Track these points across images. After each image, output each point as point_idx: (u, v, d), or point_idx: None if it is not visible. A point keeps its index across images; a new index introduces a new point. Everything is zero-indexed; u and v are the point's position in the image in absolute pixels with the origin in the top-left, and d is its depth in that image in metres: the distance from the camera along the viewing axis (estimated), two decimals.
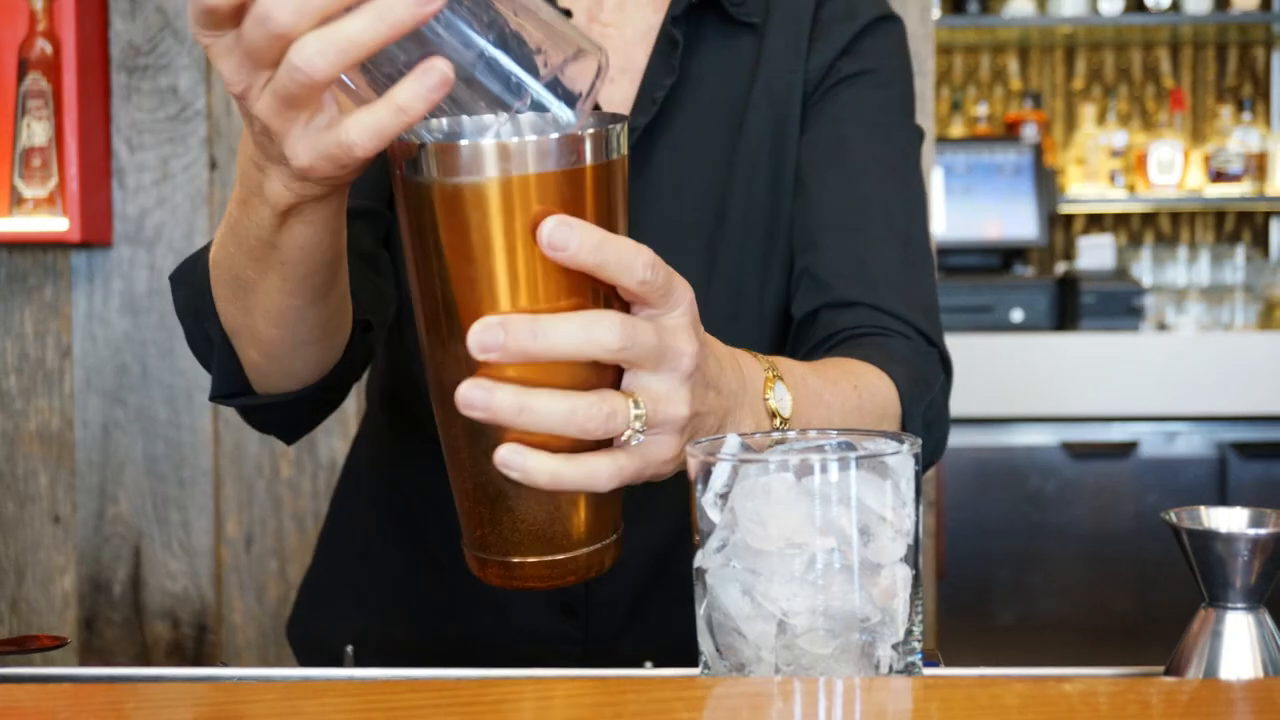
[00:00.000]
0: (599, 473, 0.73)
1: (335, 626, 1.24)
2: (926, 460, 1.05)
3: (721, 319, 1.13)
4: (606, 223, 0.73)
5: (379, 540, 1.25)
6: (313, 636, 1.28)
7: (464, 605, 1.18)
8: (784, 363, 0.90)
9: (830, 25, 1.17)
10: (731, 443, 0.73)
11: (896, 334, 1.10)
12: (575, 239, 0.69)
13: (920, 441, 0.72)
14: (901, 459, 0.69)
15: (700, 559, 0.70)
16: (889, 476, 0.69)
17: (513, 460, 0.72)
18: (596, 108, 0.88)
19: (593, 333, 0.70)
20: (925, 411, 1.04)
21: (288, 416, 1.03)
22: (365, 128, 0.69)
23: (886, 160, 1.17)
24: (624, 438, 0.73)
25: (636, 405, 0.73)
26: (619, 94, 1.15)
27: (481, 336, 0.69)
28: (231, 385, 0.98)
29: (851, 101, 1.17)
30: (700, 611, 0.71)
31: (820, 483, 0.67)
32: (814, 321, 1.12)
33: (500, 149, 0.69)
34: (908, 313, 1.11)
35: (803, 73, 1.16)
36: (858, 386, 0.97)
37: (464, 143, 0.70)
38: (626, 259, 0.71)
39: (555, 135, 0.70)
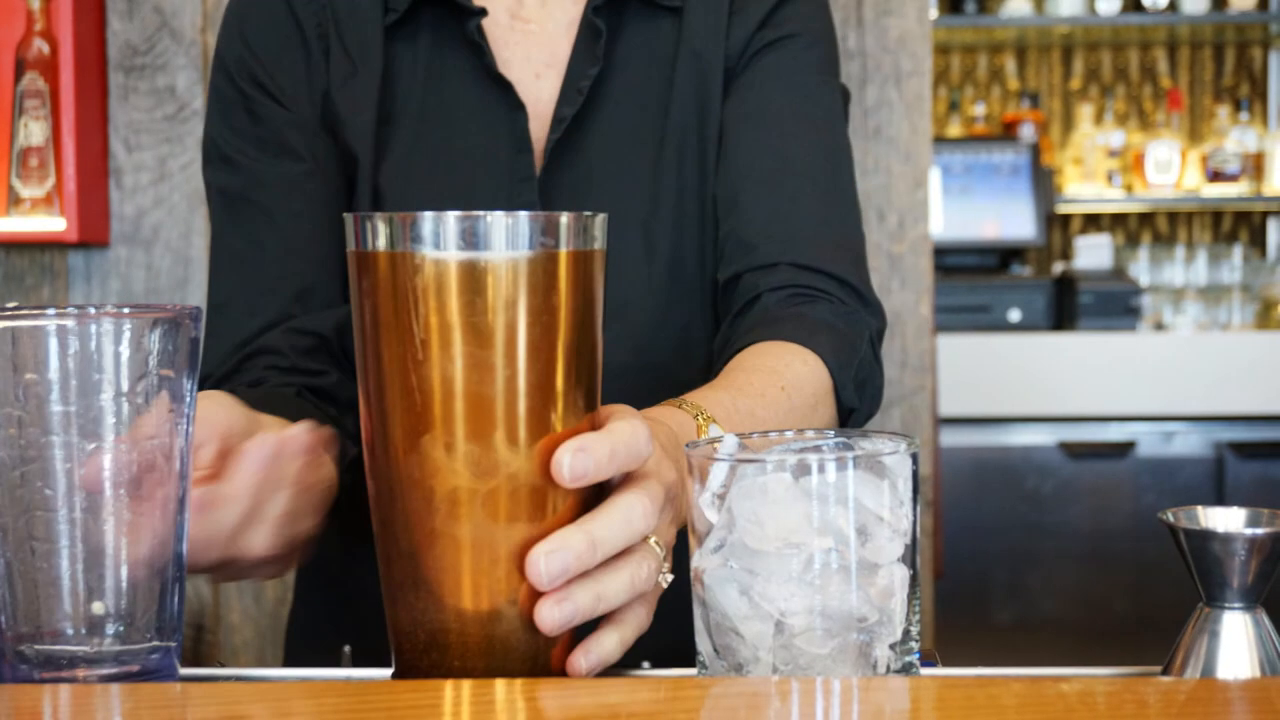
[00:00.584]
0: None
1: (333, 635, 1.24)
2: (866, 414, 1.08)
3: (662, 297, 1.14)
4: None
5: (366, 544, 1.24)
6: (311, 651, 1.27)
7: None
8: (709, 399, 0.90)
9: (746, 4, 1.18)
10: (729, 443, 0.73)
11: (819, 294, 1.10)
12: (592, 462, 0.68)
13: (917, 441, 0.72)
14: (899, 459, 0.69)
15: (697, 559, 0.70)
16: (886, 476, 0.69)
17: (589, 662, 0.71)
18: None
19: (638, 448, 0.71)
20: (855, 375, 1.05)
21: None
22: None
23: (807, 118, 1.16)
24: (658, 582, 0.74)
25: (658, 545, 0.74)
26: (546, 89, 1.15)
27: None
28: None
29: (770, 66, 1.17)
30: (698, 612, 0.71)
31: (818, 483, 0.67)
32: (737, 284, 1.12)
33: (550, 221, 0.68)
34: (830, 265, 1.11)
35: (723, 49, 1.17)
36: (785, 387, 0.98)
37: (515, 215, 0.67)
38: (635, 448, 0.71)
39: (592, 214, 0.70)
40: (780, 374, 0.99)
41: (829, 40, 1.21)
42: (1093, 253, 3.68)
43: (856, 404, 1.06)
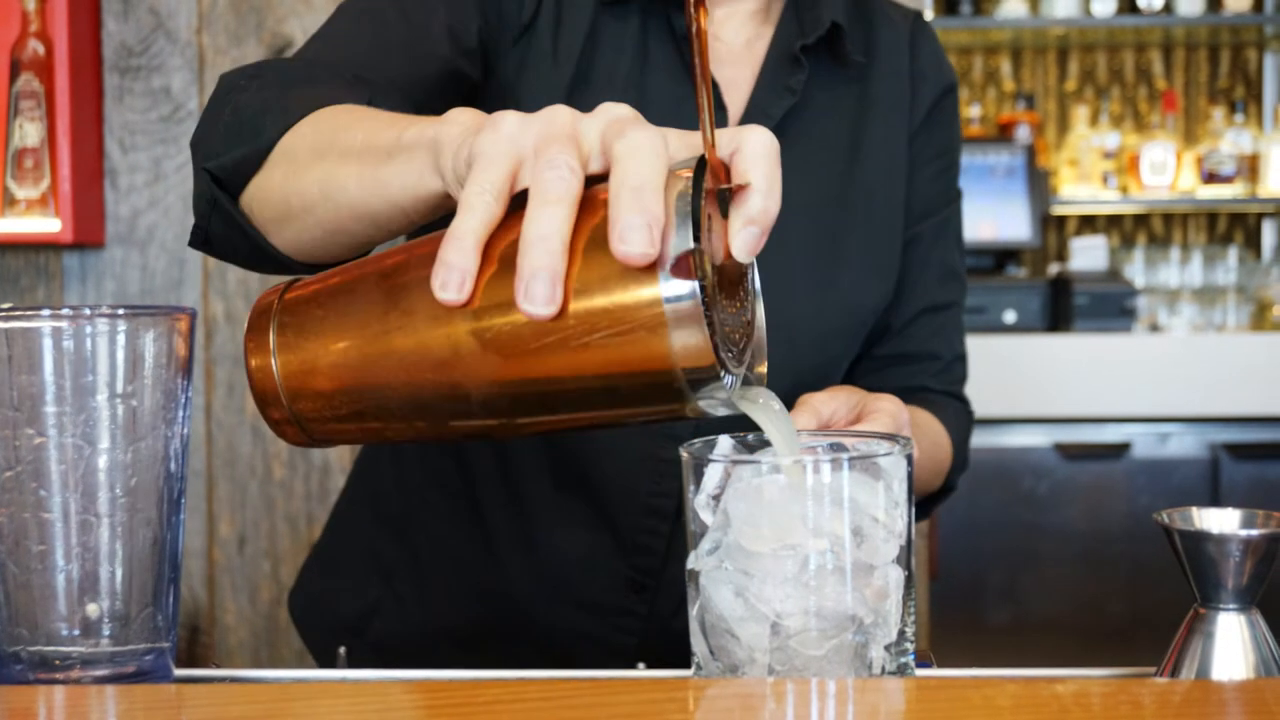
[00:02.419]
0: None
1: (348, 597, 1.23)
2: (949, 487, 1.29)
3: (834, 328, 1.21)
4: None
5: (420, 505, 1.23)
6: (320, 608, 1.26)
7: (518, 578, 1.18)
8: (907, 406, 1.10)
9: (919, 84, 1.27)
10: (724, 444, 0.73)
11: (950, 399, 1.32)
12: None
13: (913, 443, 0.72)
14: (894, 460, 0.69)
15: (693, 561, 0.70)
16: (881, 478, 0.69)
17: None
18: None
19: None
20: (963, 466, 1.29)
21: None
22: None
23: (952, 242, 1.31)
24: None
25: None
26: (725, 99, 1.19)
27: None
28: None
29: (927, 187, 1.28)
30: (693, 613, 0.71)
31: (813, 484, 0.67)
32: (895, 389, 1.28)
33: None
34: (958, 388, 1.33)
35: (909, 125, 1.26)
36: (936, 443, 1.20)
37: None
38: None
39: None
40: (935, 430, 1.21)
41: (960, 147, 1.34)
42: (1088, 254, 3.68)
43: (955, 486, 1.29)
